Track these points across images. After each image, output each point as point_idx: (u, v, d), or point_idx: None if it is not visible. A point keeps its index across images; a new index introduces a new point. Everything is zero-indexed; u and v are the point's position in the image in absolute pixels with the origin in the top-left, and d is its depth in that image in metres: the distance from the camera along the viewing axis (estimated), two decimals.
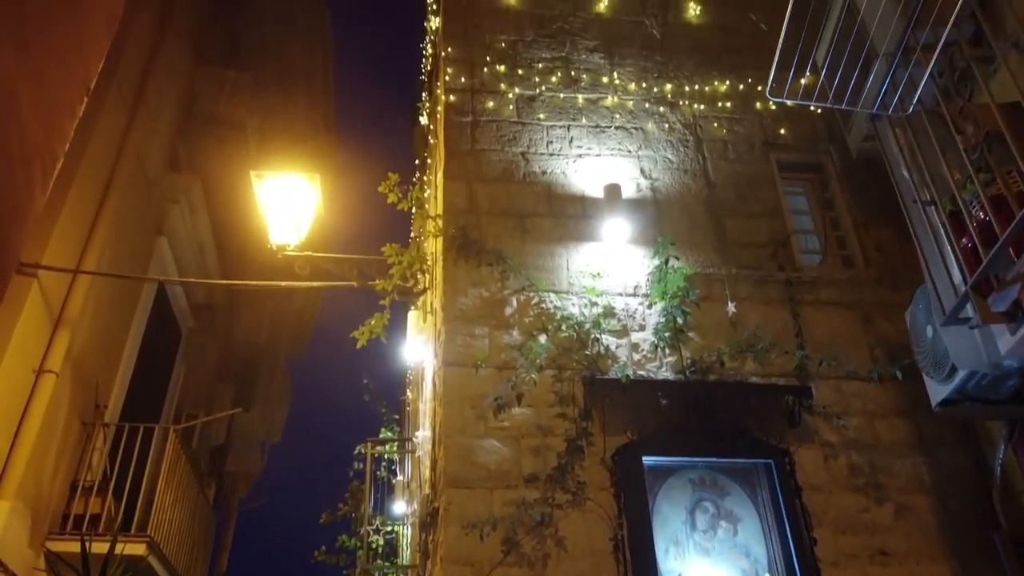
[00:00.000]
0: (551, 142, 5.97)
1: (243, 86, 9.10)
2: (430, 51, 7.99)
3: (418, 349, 6.79)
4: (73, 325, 6.02)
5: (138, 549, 5.87)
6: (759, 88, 6.16)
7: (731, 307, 5.25)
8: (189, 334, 9.13)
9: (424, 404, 6.43)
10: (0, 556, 5.00)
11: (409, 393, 9.45)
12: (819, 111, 6.13)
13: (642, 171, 5.91)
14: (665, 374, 5.05)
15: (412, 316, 6.89)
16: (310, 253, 5.70)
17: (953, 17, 3.64)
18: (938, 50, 3.79)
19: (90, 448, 6.22)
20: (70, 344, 5.94)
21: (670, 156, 6.03)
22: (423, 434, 6.33)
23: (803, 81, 5.17)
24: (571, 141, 5.99)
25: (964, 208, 3.48)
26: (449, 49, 6.36)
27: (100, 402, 6.53)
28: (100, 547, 5.37)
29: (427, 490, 5.36)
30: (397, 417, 10.33)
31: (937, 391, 4.36)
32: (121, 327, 7.22)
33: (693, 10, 6.85)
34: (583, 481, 4.57)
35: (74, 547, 5.35)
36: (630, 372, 4.90)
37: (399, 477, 9.19)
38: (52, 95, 4.03)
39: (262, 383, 11.45)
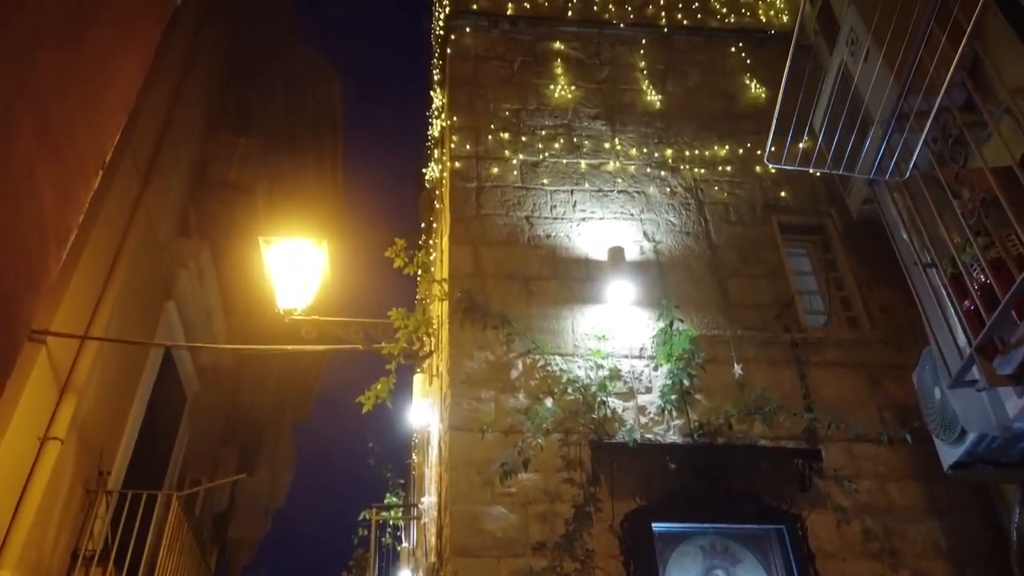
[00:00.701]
0: (555, 206, 6.07)
1: (254, 152, 9.31)
2: (436, 119, 8.19)
3: (424, 413, 6.76)
4: (79, 391, 6.02)
5: None
6: (758, 152, 6.29)
7: (737, 369, 5.25)
8: (194, 398, 9.11)
9: (430, 469, 6.36)
10: None
11: (414, 457, 9.36)
12: (818, 174, 6.24)
13: (645, 234, 5.99)
14: (673, 437, 5.02)
15: (418, 379, 6.88)
16: (316, 317, 5.74)
17: (944, 86, 3.74)
18: (931, 117, 3.88)
19: (92, 516, 6.15)
20: (76, 410, 5.94)
21: (672, 219, 6.12)
22: (428, 500, 6.25)
23: (801, 145, 5.29)
24: (574, 205, 6.09)
25: (965, 271, 3.51)
26: (455, 118, 6.53)
27: (104, 469, 6.48)
28: None
29: (433, 558, 5.26)
30: (402, 482, 10.20)
31: (948, 454, 4.32)
32: (127, 392, 7.22)
33: (691, 78, 7.04)
34: (592, 549, 4.49)
35: None
36: (637, 435, 4.87)
37: (404, 544, 9.02)
38: (68, 171, 4.16)
39: (267, 448, 11.36)
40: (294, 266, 5.86)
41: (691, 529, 4.66)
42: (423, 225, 8.79)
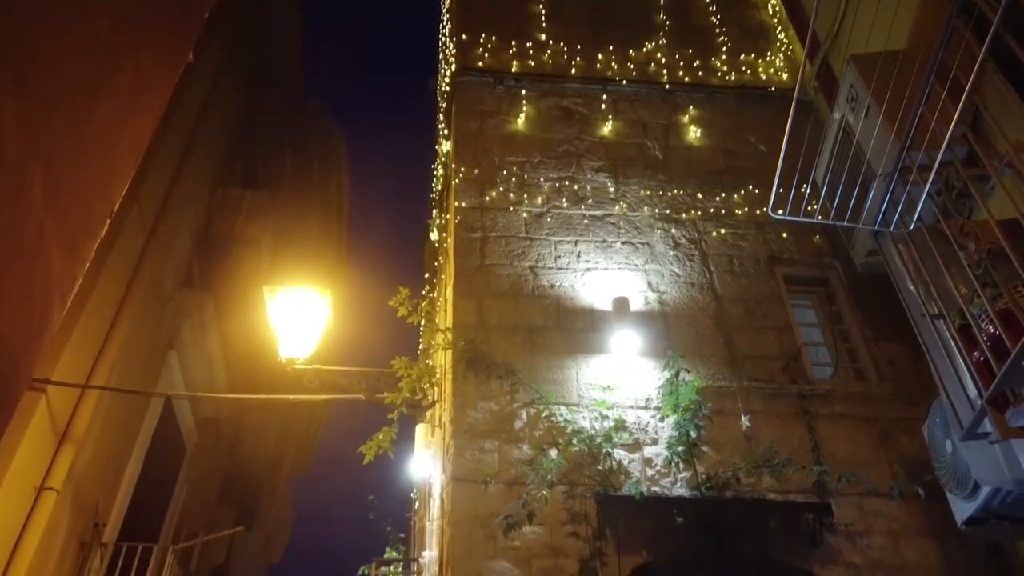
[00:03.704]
0: (559, 256, 6.10)
1: (259, 205, 9.41)
2: (441, 171, 8.30)
3: (426, 464, 6.65)
4: (78, 441, 5.95)
5: None
6: (761, 205, 6.34)
7: (745, 421, 5.18)
8: (193, 450, 8.99)
9: (431, 523, 6.23)
10: None
11: (416, 510, 9.19)
12: (822, 227, 6.29)
13: (649, 284, 6.00)
14: (680, 490, 4.93)
15: (420, 430, 6.80)
16: (319, 366, 5.71)
17: (946, 141, 3.79)
18: (934, 171, 3.92)
19: (87, 569, 6.00)
20: (73, 461, 5.85)
21: (677, 270, 6.13)
22: (430, 555, 6.10)
23: (804, 198, 5.33)
24: (578, 256, 6.12)
25: (973, 322, 3.50)
26: (460, 170, 6.61)
27: (99, 521, 6.35)
28: None
29: None
30: (403, 536, 9.99)
31: (962, 509, 4.23)
32: (126, 443, 7.13)
33: (693, 133, 7.16)
34: None
35: None
36: (644, 488, 4.78)
37: None
38: (76, 222, 4.19)
39: (265, 501, 11.16)
40: (297, 315, 5.85)
41: None
42: (426, 276, 8.82)
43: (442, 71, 8.14)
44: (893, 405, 5.54)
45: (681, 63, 7.66)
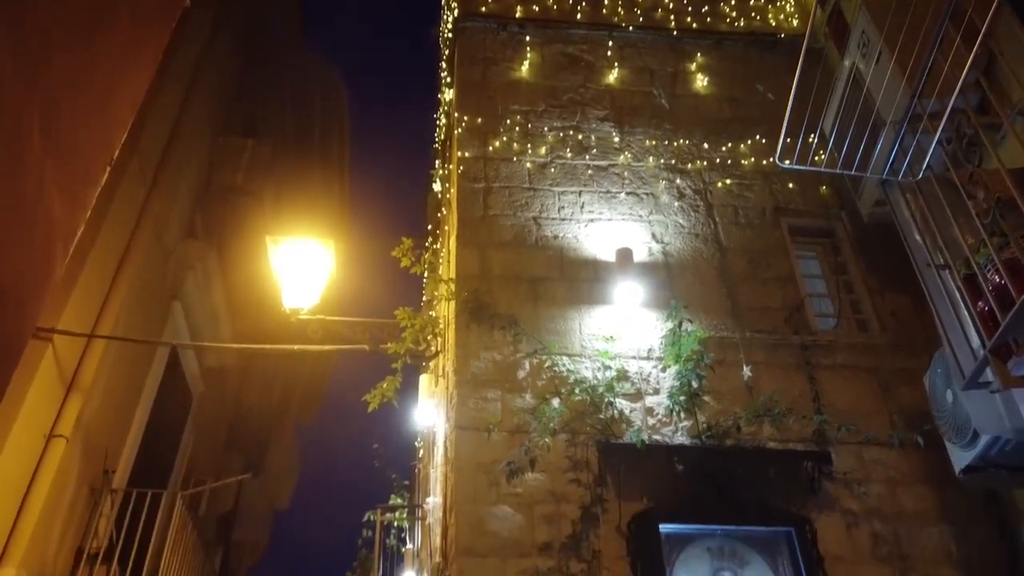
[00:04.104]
0: (563, 207, 6.05)
1: (261, 156, 9.33)
2: (444, 121, 8.20)
3: (429, 413, 6.73)
4: (85, 390, 6.02)
5: None
6: (768, 155, 6.26)
7: (746, 371, 5.20)
8: (200, 399, 9.10)
9: (435, 470, 6.33)
10: None
11: (420, 458, 9.33)
12: (829, 178, 6.22)
13: (653, 235, 5.96)
14: (681, 439, 4.98)
15: (424, 380, 6.86)
16: (323, 317, 5.73)
17: (958, 87, 3.71)
18: (944, 119, 3.85)
19: (97, 515, 6.13)
20: (82, 409, 5.93)
21: (681, 221, 6.09)
22: (434, 500, 6.21)
23: (812, 148, 5.26)
24: (582, 206, 6.07)
25: (979, 272, 3.48)
26: (463, 119, 6.52)
27: (109, 467, 6.47)
28: None
29: (438, 559, 5.23)
30: (407, 483, 10.16)
31: (960, 457, 4.27)
32: (132, 392, 7.22)
33: (700, 82, 7.03)
34: (598, 550, 4.46)
35: None
36: (645, 436, 4.83)
37: (408, 545, 8.97)
38: (76, 168, 4.16)
39: (272, 451, 11.33)
40: (301, 266, 5.85)
41: (699, 531, 4.62)
42: (430, 227, 8.78)
43: (444, 17, 7.96)
44: (895, 356, 5.55)
45: (689, 8, 7.48)
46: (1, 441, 5.23)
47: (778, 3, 7.68)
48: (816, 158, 5.23)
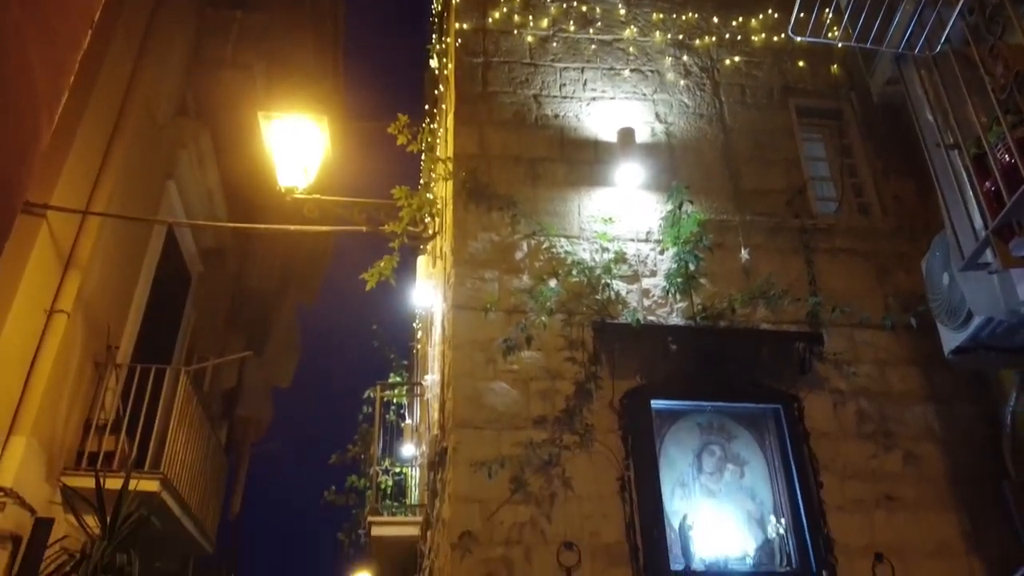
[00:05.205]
0: (564, 84, 5.85)
1: (251, 28, 8.95)
2: None
3: (427, 294, 6.78)
4: (83, 267, 6.03)
5: (151, 486, 5.98)
6: (780, 31, 6.00)
7: (744, 254, 5.19)
8: (199, 279, 9.15)
9: (433, 348, 6.44)
10: (17, 489, 5.10)
11: (418, 339, 9.50)
12: (840, 56, 5.98)
13: (657, 115, 5.80)
14: (676, 320, 5.03)
15: (421, 261, 6.87)
16: (319, 196, 5.66)
17: None
18: None
19: (103, 388, 6.29)
20: (81, 285, 5.96)
21: (686, 100, 5.91)
22: (432, 378, 6.36)
23: (826, 24, 5.01)
24: (585, 84, 5.86)
25: (989, 151, 3.38)
26: None
27: (112, 344, 6.57)
28: (114, 483, 5.46)
29: (436, 431, 5.40)
30: (406, 363, 10.40)
31: (951, 339, 4.32)
32: (131, 271, 7.24)
33: None
34: (591, 424, 4.59)
35: (89, 483, 5.45)
36: (640, 317, 4.87)
37: (408, 421, 9.29)
38: (56, 30, 3.98)
39: (273, 330, 11.51)
40: (295, 144, 5.73)
41: (689, 407, 4.75)
42: (427, 105, 8.53)
43: None
44: (894, 241, 5.53)
45: None
46: (2, 316, 5.28)
47: None
48: (830, 34, 4.99)
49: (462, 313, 4.90)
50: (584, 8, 6.19)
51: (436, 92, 7.56)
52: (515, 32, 6.01)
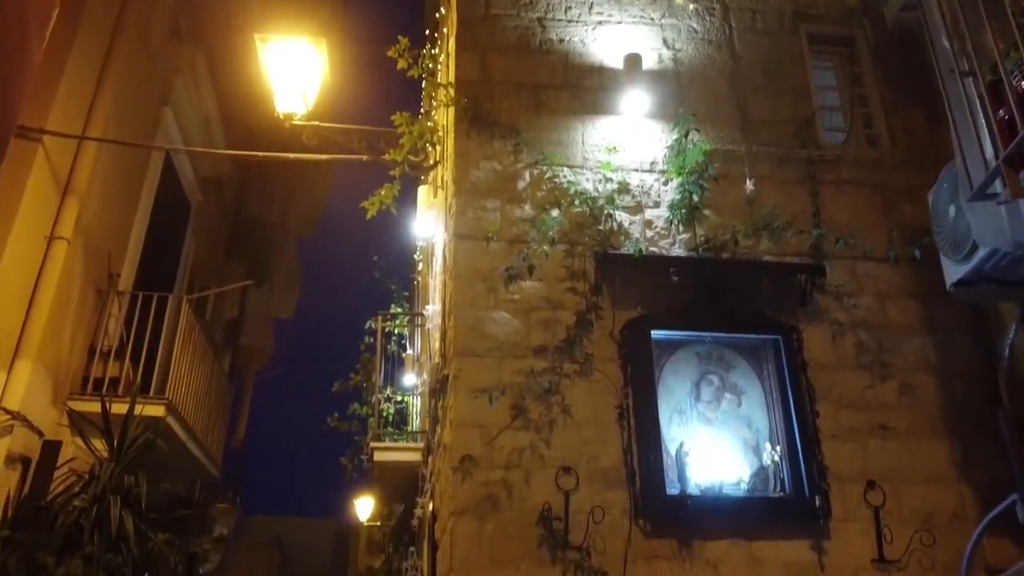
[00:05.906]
0: (570, 7, 5.67)
1: None
2: None
3: (428, 224, 6.73)
4: (81, 194, 5.98)
5: (157, 411, 6.07)
6: None
7: (749, 185, 5.12)
8: (198, 207, 9.09)
9: (434, 279, 6.44)
10: (24, 412, 5.18)
11: (419, 271, 9.50)
12: None
13: (664, 41, 5.64)
14: (678, 251, 5.00)
15: (422, 192, 6.79)
16: (317, 123, 5.57)
17: None
18: None
19: (106, 315, 6.32)
20: (80, 212, 5.92)
21: (695, 25, 5.74)
22: (433, 308, 6.38)
23: None
24: (591, 7, 5.68)
25: (1005, 77, 3.29)
26: None
27: (113, 271, 6.58)
28: (120, 408, 5.54)
29: (437, 359, 5.45)
30: (407, 295, 10.43)
31: (953, 271, 4.30)
32: (130, 198, 7.18)
33: None
34: (591, 353, 4.62)
35: (95, 407, 5.52)
36: (643, 248, 4.85)
37: (409, 351, 9.38)
38: None
39: (274, 260, 11.51)
40: (293, 68, 5.59)
41: (689, 337, 4.77)
42: (428, 31, 8.30)
43: None
44: (902, 173, 5.46)
45: None
46: (2, 242, 5.26)
47: None
48: None
49: (463, 243, 4.87)
50: None
51: (437, 15, 7.33)
52: None
